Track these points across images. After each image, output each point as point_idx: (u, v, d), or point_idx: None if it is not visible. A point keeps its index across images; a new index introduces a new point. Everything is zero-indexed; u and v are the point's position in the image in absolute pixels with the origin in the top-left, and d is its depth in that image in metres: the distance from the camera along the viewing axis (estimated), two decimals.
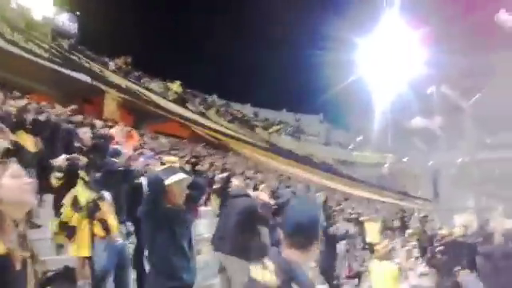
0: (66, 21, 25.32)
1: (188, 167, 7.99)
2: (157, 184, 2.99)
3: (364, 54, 31.79)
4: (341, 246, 8.55)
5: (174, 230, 2.99)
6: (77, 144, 6.01)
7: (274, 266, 1.76)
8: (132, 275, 4.47)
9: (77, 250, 4.03)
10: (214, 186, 9.53)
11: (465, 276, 7.17)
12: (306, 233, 1.82)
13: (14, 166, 1.67)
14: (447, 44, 24.79)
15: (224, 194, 6.14)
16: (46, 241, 5.17)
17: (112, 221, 4.19)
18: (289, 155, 28.07)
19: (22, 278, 1.57)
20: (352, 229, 10.49)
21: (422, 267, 13.53)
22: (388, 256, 5.67)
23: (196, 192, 3.52)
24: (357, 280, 9.24)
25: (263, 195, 5.58)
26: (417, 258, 13.94)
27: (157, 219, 2.97)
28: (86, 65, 22.27)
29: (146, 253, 3.35)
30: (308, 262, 1.97)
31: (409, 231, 17.60)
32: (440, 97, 29.59)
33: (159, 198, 2.98)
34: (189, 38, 36.69)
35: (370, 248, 9.42)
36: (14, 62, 17.57)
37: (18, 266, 1.55)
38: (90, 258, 4.13)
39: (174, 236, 2.98)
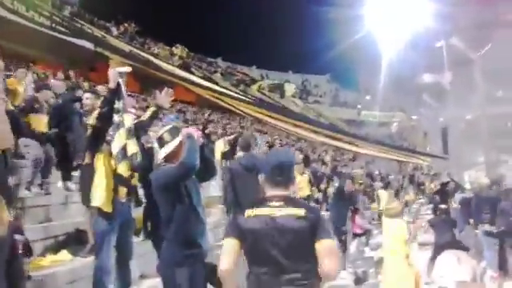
0: None
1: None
2: (194, 167, 2.87)
3: (371, 8, 30.87)
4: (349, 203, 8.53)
5: (191, 197, 2.97)
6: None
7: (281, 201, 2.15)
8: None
9: (102, 203, 3.48)
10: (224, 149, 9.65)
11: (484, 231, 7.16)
12: (286, 172, 2.25)
13: None
14: None
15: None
16: (55, 206, 5.27)
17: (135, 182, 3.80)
18: (295, 116, 27.92)
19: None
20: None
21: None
22: (398, 214, 5.72)
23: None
24: (364, 237, 9.35)
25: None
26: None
27: (178, 190, 2.91)
28: (89, 31, 22.03)
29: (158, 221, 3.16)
30: None
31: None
32: (449, 50, 28.84)
33: (190, 176, 2.94)
34: (191, 1, 36.00)
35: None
36: (16, 31, 17.40)
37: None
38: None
39: (191, 204, 2.96)
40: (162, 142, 3.06)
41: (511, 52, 21.87)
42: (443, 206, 8.32)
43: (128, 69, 3.95)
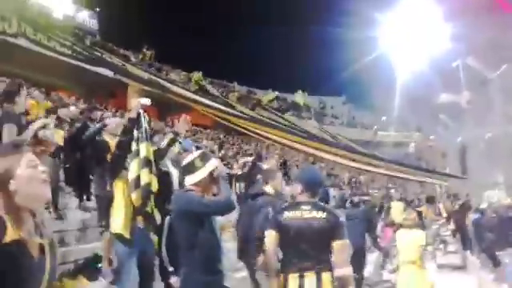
0: (87, 18, 25.86)
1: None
2: (230, 206, 3.01)
3: (386, 29, 31.07)
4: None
5: (213, 223, 3.01)
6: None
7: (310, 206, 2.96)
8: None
9: (120, 229, 3.56)
10: (238, 172, 9.63)
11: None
12: (320, 183, 3.23)
13: (28, 155, 1.59)
14: (471, 16, 23.98)
15: (249, 179, 6.17)
16: (71, 232, 5.41)
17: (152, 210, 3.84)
18: (313, 138, 27.92)
19: (41, 264, 1.57)
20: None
21: (450, 245, 13.50)
22: (417, 225, 5.74)
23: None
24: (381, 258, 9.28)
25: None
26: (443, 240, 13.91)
27: (201, 215, 2.94)
28: (108, 59, 22.69)
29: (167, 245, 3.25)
30: None
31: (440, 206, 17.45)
32: (466, 70, 28.68)
33: (225, 213, 3.07)
34: (206, 26, 36.74)
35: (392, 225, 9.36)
36: (38, 61, 18.07)
37: (35, 253, 1.54)
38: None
39: (213, 230, 3.00)
40: (190, 168, 3.03)
41: None
42: None
43: (148, 101, 4.10)
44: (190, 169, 3.05)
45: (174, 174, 4.65)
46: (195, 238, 2.90)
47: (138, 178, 3.61)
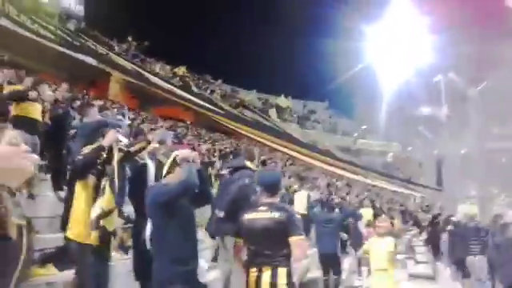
0: (73, 3, 25.31)
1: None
2: (194, 185, 2.98)
3: (372, 41, 31.54)
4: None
5: (186, 216, 3.06)
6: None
7: (266, 207, 3.13)
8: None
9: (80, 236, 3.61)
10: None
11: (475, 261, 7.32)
12: (277, 185, 3.33)
13: (10, 133, 1.58)
14: (455, 32, 24.48)
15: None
16: (42, 219, 5.26)
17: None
18: (294, 141, 28.10)
19: (17, 245, 1.52)
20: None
21: (421, 255, 13.72)
22: (389, 233, 5.77)
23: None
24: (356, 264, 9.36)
25: None
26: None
27: (175, 208, 2.98)
28: (92, 47, 22.32)
29: (151, 238, 3.25)
30: None
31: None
32: (447, 85, 29.31)
33: (189, 194, 3.02)
34: (196, 23, 36.51)
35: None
36: (19, 43, 17.61)
37: (13, 234, 1.50)
38: None
39: (185, 222, 3.04)
40: (160, 164, 3.25)
41: (506, 90, 22.23)
42: None
43: (125, 140, 4.10)
44: (160, 164, 3.37)
45: (151, 166, 4.60)
46: (166, 228, 2.97)
47: (98, 218, 3.56)
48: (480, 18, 22.86)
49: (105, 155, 3.69)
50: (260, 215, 3.12)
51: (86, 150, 3.68)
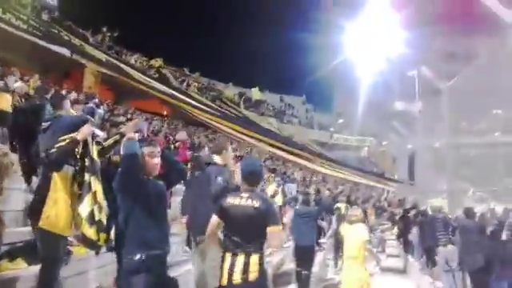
0: None
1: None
2: (133, 155, 3.07)
3: (349, 36, 31.77)
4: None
5: (149, 200, 3.07)
6: None
7: (248, 194, 3.21)
8: None
9: (58, 227, 3.60)
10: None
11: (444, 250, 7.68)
12: (258, 175, 3.37)
13: None
14: (429, 26, 24.82)
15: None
16: (12, 212, 5.20)
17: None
18: (270, 135, 28.22)
19: None
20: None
21: (392, 248, 14.05)
22: (360, 221, 5.90)
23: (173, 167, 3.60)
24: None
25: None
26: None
27: (134, 193, 3.03)
28: (66, 38, 21.84)
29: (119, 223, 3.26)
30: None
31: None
32: (420, 80, 29.82)
33: (135, 168, 3.06)
34: (173, 14, 36.12)
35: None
36: None
37: None
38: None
39: (149, 207, 3.05)
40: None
41: (476, 84, 22.75)
42: None
43: (102, 134, 4.12)
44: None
45: None
46: (129, 214, 3.04)
47: (92, 213, 3.58)
48: (453, 13, 23.22)
49: (81, 149, 3.69)
50: (242, 202, 3.18)
51: (60, 142, 3.63)
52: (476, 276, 6.99)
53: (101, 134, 4.16)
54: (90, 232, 3.55)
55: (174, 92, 25.11)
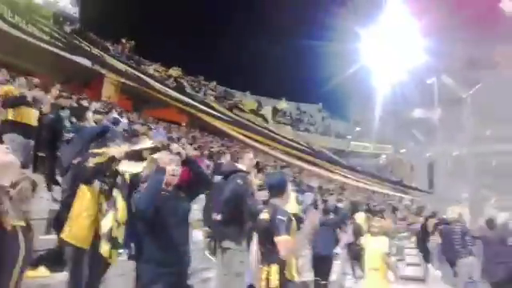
0: (68, 4, 25.24)
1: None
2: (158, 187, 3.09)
3: (366, 44, 31.65)
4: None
5: (166, 221, 3.09)
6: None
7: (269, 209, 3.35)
8: None
9: (79, 240, 3.69)
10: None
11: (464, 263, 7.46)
12: (281, 187, 3.45)
13: None
14: (449, 34, 24.55)
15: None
16: (35, 221, 5.28)
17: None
18: (287, 144, 28.19)
19: (14, 245, 1.60)
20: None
21: (411, 257, 13.81)
22: (383, 233, 5.85)
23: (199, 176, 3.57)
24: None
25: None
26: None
27: (155, 216, 3.04)
28: (87, 49, 22.30)
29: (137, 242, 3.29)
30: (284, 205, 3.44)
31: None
32: (440, 87, 29.46)
33: (157, 195, 3.08)
34: (190, 25, 36.49)
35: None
36: (14, 45, 17.59)
37: (10, 233, 1.58)
38: None
39: (175, 226, 3.11)
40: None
41: (499, 92, 22.37)
42: None
43: None
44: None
45: None
46: (151, 235, 3.05)
47: (111, 229, 3.61)
48: (474, 20, 22.95)
49: (114, 166, 3.73)
50: (262, 216, 3.38)
51: (97, 159, 3.68)
52: None
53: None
54: (105, 249, 3.60)
55: (191, 101, 25.36)
